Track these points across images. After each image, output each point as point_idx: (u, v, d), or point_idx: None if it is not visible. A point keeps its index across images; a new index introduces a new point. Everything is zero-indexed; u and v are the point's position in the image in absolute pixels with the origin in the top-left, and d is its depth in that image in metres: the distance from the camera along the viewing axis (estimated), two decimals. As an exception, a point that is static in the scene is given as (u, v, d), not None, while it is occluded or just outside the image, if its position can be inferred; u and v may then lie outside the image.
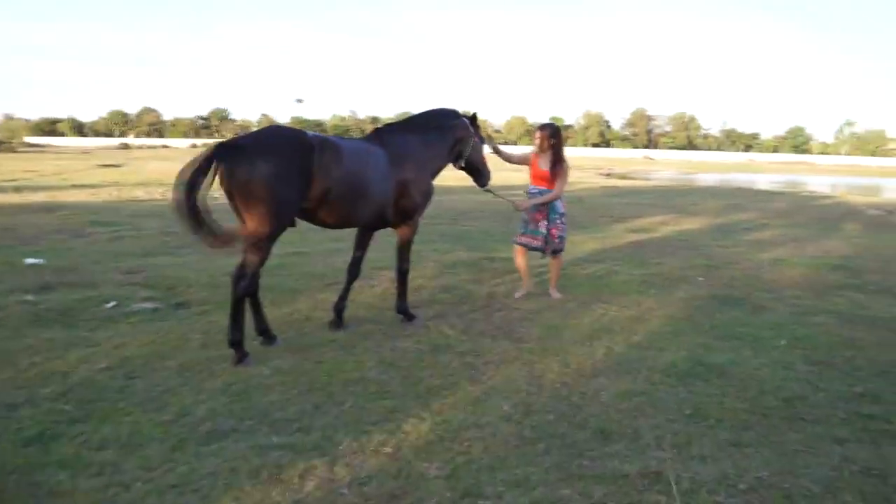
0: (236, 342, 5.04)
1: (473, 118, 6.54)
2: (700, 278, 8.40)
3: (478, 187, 6.85)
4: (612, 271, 8.74)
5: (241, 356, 5.01)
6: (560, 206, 7.20)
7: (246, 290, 5.01)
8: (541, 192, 7.13)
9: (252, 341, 5.42)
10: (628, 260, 9.64)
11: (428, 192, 6.14)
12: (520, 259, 7.37)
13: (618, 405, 4.36)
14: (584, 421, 4.10)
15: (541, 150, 7.12)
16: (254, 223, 4.88)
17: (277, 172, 4.81)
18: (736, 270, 9.00)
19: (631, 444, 3.81)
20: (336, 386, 4.58)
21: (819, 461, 3.66)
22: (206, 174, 4.71)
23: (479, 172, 6.71)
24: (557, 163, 7.06)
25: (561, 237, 7.23)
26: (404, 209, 5.89)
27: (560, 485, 3.33)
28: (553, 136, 7.07)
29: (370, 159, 5.54)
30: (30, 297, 6.52)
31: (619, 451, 3.70)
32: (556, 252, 7.26)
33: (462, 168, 6.60)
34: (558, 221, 7.18)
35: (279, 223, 5.00)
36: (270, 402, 4.30)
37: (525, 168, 7.40)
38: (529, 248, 7.24)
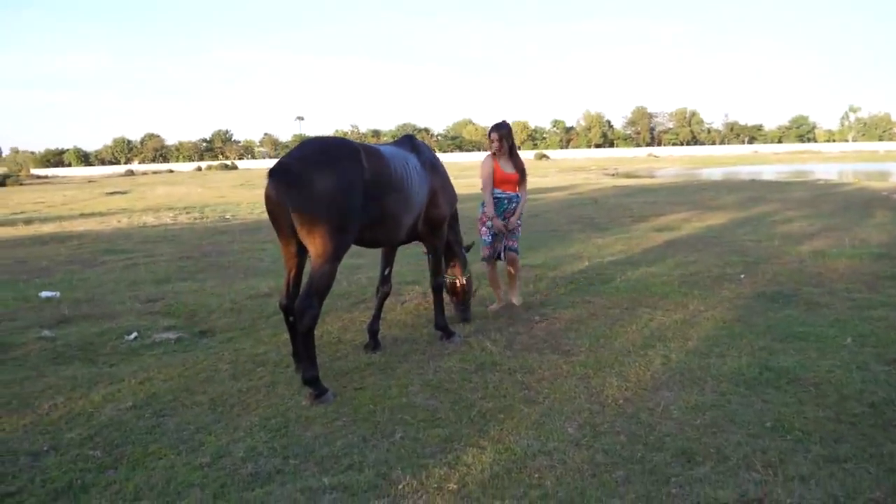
0: (313, 379, 4.51)
1: None
2: (742, 276, 8.01)
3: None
4: (649, 273, 8.36)
5: (321, 392, 4.49)
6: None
7: (314, 320, 4.49)
8: (508, 197, 6.60)
9: (287, 368, 5.11)
10: (662, 260, 9.26)
11: (454, 201, 5.89)
12: (491, 272, 6.91)
13: (692, 421, 3.99)
14: (660, 441, 3.74)
15: (500, 152, 6.53)
16: (319, 244, 4.41)
17: (336, 184, 4.40)
18: (777, 265, 8.59)
19: (718, 465, 3.44)
20: (382, 414, 4.23)
21: (932, 475, 3.28)
22: None
23: None
24: (518, 161, 6.62)
25: (516, 230, 6.71)
26: (433, 219, 5.60)
27: (653, 519, 2.96)
28: (509, 136, 6.55)
29: (409, 164, 5.26)
30: (47, 333, 6.21)
31: (707, 475, 3.33)
32: (510, 250, 6.71)
33: None
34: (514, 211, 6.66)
35: (345, 239, 4.55)
36: (314, 436, 3.96)
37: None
38: (494, 258, 6.75)
